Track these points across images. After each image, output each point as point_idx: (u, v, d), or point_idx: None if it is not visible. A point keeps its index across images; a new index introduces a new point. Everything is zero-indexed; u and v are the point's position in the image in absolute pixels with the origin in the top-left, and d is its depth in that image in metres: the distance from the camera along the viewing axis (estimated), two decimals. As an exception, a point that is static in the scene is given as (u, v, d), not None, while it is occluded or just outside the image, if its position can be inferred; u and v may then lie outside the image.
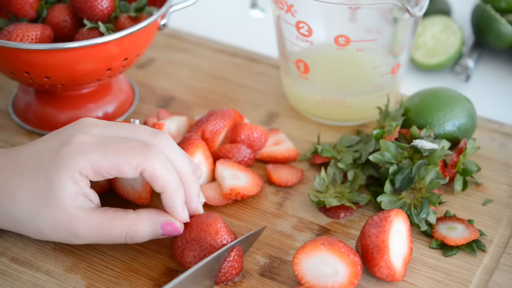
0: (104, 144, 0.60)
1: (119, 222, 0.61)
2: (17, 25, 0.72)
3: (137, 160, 0.60)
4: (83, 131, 0.61)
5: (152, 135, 0.62)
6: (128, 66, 0.76)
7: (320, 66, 0.79)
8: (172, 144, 0.63)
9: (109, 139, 0.61)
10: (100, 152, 0.60)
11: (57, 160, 0.60)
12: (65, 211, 0.60)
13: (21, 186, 0.61)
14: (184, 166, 0.62)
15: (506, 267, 0.65)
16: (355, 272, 0.60)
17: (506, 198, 0.72)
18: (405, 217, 0.64)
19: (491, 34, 0.92)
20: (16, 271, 0.64)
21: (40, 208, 0.60)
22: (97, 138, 0.61)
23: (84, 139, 0.60)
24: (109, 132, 0.62)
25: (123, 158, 0.59)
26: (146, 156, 0.60)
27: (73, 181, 0.60)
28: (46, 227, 0.61)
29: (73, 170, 0.59)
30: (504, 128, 0.81)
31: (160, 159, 0.60)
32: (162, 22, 0.77)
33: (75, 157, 0.59)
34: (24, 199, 0.61)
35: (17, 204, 0.61)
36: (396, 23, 0.76)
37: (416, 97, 0.76)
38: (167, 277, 0.64)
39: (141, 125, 0.63)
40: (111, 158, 0.59)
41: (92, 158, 0.59)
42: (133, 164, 0.60)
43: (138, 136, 0.62)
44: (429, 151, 0.69)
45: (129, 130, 0.62)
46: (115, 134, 0.62)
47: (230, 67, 0.90)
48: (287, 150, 0.76)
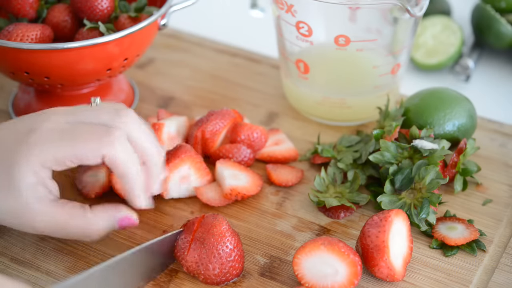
0: (66, 132, 0.59)
1: (76, 219, 0.60)
2: (17, 25, 0.72)
3: (97, 146, 0.59)
4: (48, 119, 0.60)
5: (115, 116, 0.61)
6: (128, 66, 0.76)
7: (320, 66, 0.79)
8: (135, 123, 0.62)
9: (72, 126, 0.60)
10: (62, 142, 0.59)
11: (20, 149, 0.59)
12: (22, 201, 0.59)
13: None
14: (147, 147, 0.62)
15: (506, 267, 0.65)
16: (355, 272, 0.60)
17: (506, 198, 0.72)
18: (405, 217, 0.64)
19: (491, 34, 0.92)
20: (16, 271, 0.64)
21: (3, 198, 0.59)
22: (60, 126, 0.59)
23: (48, 127, 0.59)
24: (73, 117, 0.60)
25: (84, 146, 0.59)
26: (106, 142, 0.59)
27: (34, 172, 0.59)
28: (3, 213, 0.60)
29: (34, 162, 0.58)
30: (504, 128, 0.81)
31: (120, 144, 0.59)
32: (162, 22, 0.77)
33: (37, 148, 0.58)
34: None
35: None
36: (396, 23, 0.76)
37: (416, 97, 0.76)
38: (167, 277, 0.64)
39: (105, 105, 0.62)
40: (72, 147, 0.58)
41: (54, 149, 0.58)
42: (93, 151, 0.59)
43: (101, 119, 0.60)
44: (429, 151, 0.69)
45: (93, 113, 0.61)
46: (80, 119, 0.60)
47: (230, 67, 0.90)
48: (287, 150, 0.76)
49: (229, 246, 0.62)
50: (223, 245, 0.62)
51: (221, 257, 0.62)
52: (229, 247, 0.62)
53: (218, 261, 0.62)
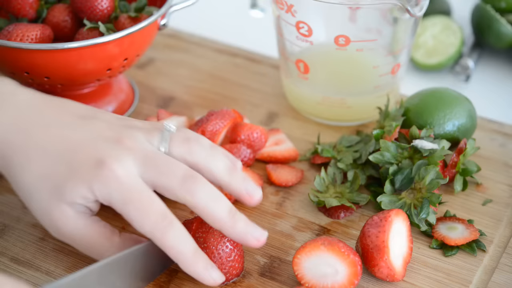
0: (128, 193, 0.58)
1: (102, 240, 0.60)
2: (17, 25, 0.72)
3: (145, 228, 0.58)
4: (123, 162, 0.58)
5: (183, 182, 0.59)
6: (128, 66, 0.76)
7: (320, 66, 0.79)
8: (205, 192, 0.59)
9: (137, 189, 0.58)
10: (122, 197, 0.58)
11: (86, 172, 0.58)
12: (58, 209, 0.59)
13: (41, 160, 0.59)
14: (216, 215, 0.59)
15: (506, 267, 0.65)
16: (355, 272, 0.60)
17: (506, 198, 0.72)
18: (405, 217, 0.64)
19: (491, 34, 0.92)
20: (16, 271, 0.64)
21: (42, 188, 0.59)
22: (128, 180, 0.58)
23: (117, 173, 0.58)
24: (142, 171, 0.59)
25: (136, 216, 0.58)
26: (157, 227, 0.58)
27: (83, 196, 0.58)
28: (36, 208, 0.60)
29: (90, 190, 0.58)
30: (504, 128, 0.81)
31: (173, 231, 0.58)
32: (162, 22, 0.77)
33: (99, 184, 0.57)
34: (33, 173, 0.59)
35: (23, 173, 0.59)
36: (396, 23, 0.76)
37: (416, 97, 0.76)
38: (167, 277, 0.64)
39: (174, 167, 0.59)
40: (126, 208, 0.58)
41: (113, 196, 0.58)
42: (143, 230, 0.58)
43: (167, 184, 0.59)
44: (429, 151, 0.69)
45: (163, 171, 0.59)
46: (147, 176, 0.59)
47: (230, 67, 0.90)
48: (287, 150, 0.76)
49: (229, 246, 0.62)
50: (222, 245, 0.62)
51: (221, 257, 0.62)
52: (229, 247, 0.62)
53: (218, 261, 0.62)
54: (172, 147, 0.61)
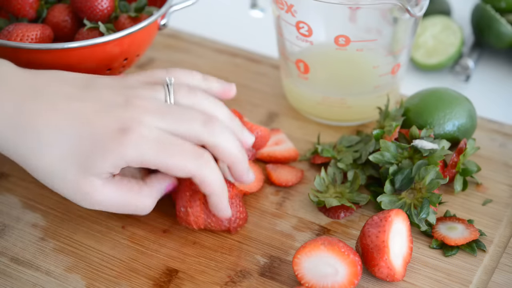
0: (158, 144, 0.60)
1: (132, 195, 0.62)
2: (17, 25, 0.72)
3: (189, 167, 0.61)
4: (141, 122, 0.60)
5: (204, 125, 0.62)
6: (128, 66, 0.76)
7: (320, 66, 0.79)
8: (223, 129, 0.63)
9: (164, 138, 0.60)
10: (154, 152, 0.60)
11: (111, 143, 0.59)
12: (86, 182, 0.60)
13: (57, 139, 0.60)
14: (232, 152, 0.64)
15: (506, 267, 0.65)
16: (355, 272, 0.60)
17: (506, 198, 0.72)
18: (405, 217, 0.64)
19: (491, 34, 0.92)
20: (16, 271, 0.64)
21: (66, 168, 0.60)
22: (153, 134, 0.60)
23: (141, 132, 0.60)
24: (165, 124, 0.61)
25: (175, 163, 0.60)
26: (198, 164, 0.61)
27: (115, 166, 0.60)
28: (61, 187, 0.61)
29: (122, 158, 0.59)
30: (504, 128, 0.81)
31: (210, 167, 0.62)
32: (162, 22, 0.77)
33: (130, 149, 0.59)
34: (52, 155, 0.59)
35: (41, 156, 0.60)
36: (396, 23, 0.76)
37: (416, 97, 0.76)
38: (167, 277, 0.64)
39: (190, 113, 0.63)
40: (163, 159, 0.60)
41: (146, 156, 0.60)
42: (184, 170, 0.61)
43: (193, 130, 0.62)
44: (429, 151, 0.69)
45: (184, 121, 0.62)
46: (172, 128, 0.61)
47: (230, 67, 0.90)
48: (287, 150, 0.76)
49: (230, 190, 0.66)
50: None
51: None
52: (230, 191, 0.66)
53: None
54: (178, 99, 0.64)
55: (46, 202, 0.71)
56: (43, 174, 0.60)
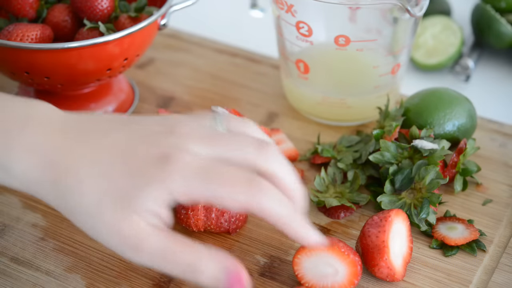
0: (206, 172, 0.53)
1: (185, 253, 0.52)
2: (17, 25, 0.72)
3: (244, 197, 0.53)
4: (185, 149, 0.53)
5: (257, 149, 0.55)
6: (128, 66, 0.76)
7: (320, 66, 0.79)
8: (277, 156, 0.56)
9: (213, 165, 0.53)
10: (202, 181, 0.52)
11: (153, 172, 0.52)
12: (130, 224, 0.52)
13: (94, 174, 0.53)
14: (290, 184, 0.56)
15: (506, 267, 0.65)
16: (355, 272, 0.60)
17: (506, 198, 0.72)
18: (405, 217, 0.64)
19: (491, 34, 0.92)
20: (16, 271, 0.64)
21: (105, 205, 0.52)
22: (199, 161, 0.53)
23: (186, 160, 0.52)
24: (213, 150, 0.54)
25: (228, 192, 0.52)
26: (253, 193, 0.53)
27: (160, 200, 0.52)
28: (99, 231, 0.53)
29: (166, 190, 0.52)
30: (504, 128, 0.81)
31: (267, 195, 0.53)
32: (162, 22, 0.77)
33: (174, 178, 0.52)
34: (90, 192, 0.53)
35: (80, 194, 0.53)
36: (396, 23, 0.76)
37: (416, 97, 0.76)
38: (167, 277, 0.64)
39: (241, 138, 0.56)
40: (213, 190, 0.52)
41: (193, 185, 0.52)
42: (238, 201, 0.52)
43: (246, 156, 0.54)
44: (429, 151, 0.69)
45: (235, 147, 0.55)
46: (221, 154, 0.54)
47: (230, 67, 0.91)
48: (287, 150, 0.76)
49: None
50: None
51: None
52: None
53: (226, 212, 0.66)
54: (229, 126, 0.57)
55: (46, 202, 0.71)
56: (82, 216, 0.53)
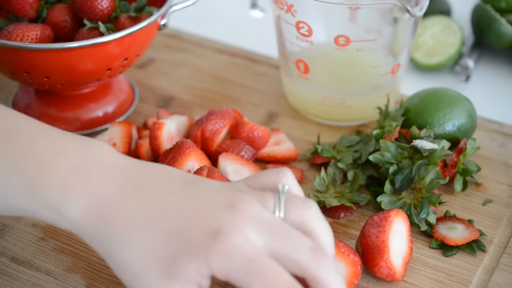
0: (252, 263, 0.50)
1: None
2: (17, 25, 0.72)
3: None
4: (241, 230, 0.51)
5: (311, 255, 0.52)
6: (128, 66, 0.76)
7: (320, 66, 0.79)
8: (330, 269, 0.52)
9: (260, 260, 0.51)
10: (244, 270, 0.50)
11: (201, 246, 0.51)
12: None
13: (143, 235, 0.52)
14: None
15: (506, 267, 0.65)
16: (355, 272, 0.60)
17: (506, 198, 0.72)
18: (405, 217, 0.64)
19: (491, 34, 0.92)
20: (16, 271, 0.64)
21: (151, 268, 0.51)
22: (250, 249, 0.51)
23: (236, 241, 0.50)
24: (266, 242, 0.52)
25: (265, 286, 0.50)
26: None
27: (199, 272, 0.51)
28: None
29: (206, 264, 0.50)
30: (504, 128, 0.81)
31: None
32: (162, 22, 0.77)
33: (218, 258, 0.50)
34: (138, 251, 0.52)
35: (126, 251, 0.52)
36: (396, 23, 0.76)
37: (416, 97, 0.76)
38: (167, 277, 0.64)
39: (299, 237, 0.52)
40: (251, 284, 0.50)
41: (234, 272, 0.50)
42: None
43: (296, 256, 0.51)
44: (429, 151, 0.69)
45: (286, 241, 0.52)
46: (274, 247, 0.52)
47: (230, 67, 0.90)
48: (287, 150, 0.76)
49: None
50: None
51: None
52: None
53: None
54: (288, 211, 0.54)
55: (46, 202, 0.71)
56: (125, 271, 0.53)
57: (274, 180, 0.55)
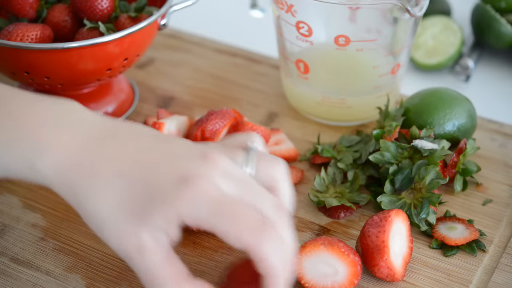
0: (220, 206, 0.52)
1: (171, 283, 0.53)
2: (17, 25, 0.72)
3: (248, 239, 0.52)
4: (209, 177, 0.53)
5: (274, 210, 0.54)
6: (128, 66, 0.76)
7: (320, 66, 0.79)
8: (289, 227, 0.55)
9: (227, 200, 0.52)
10: (213, 212, 0.52)
11: (169, 193, 0.52)
12: (137, 238, 0.52)
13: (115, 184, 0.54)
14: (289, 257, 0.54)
15: (506, 267, 0.65)
16: (355, 272, 0.61)
17: (506, 198, 0.72)
18: (405, 217, 0.64)
19: (491, 34, 0.92)
20: (16, 271, 0.64)
21: (120, 214, 0.53)
22: (216, 194, 0.52)
23: (203, 187, 0.52)
24: (231, 188, 0.54)
25: (234, 230, 0.52)
26: (258, 238, 0.52)
27: (168, 220, 0.52)
28: (110, 237, 0.54)
29: (175, 212, 0.52)
30: (504, 128, 0.81)
31: (272, 245, 0.52)
32: (162, 22, 0.77)
33: (186, 204, 0.52)
34: (107, 199, 0.53)
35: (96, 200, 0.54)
36: (396, 23, 0.76)
37: (416, 97, 0.76)
38: (167, 277, 0.64)
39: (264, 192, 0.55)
40: (221, 223, 0.52)
41: (204, 213, 0.52)
42: (242, 241, 0.52)
43: (258, 205, 0.54)
44: (429, 151, 0.69)
45: (252, 193, 0.54)
46: (236, 194, 0.53)
47: (230, 67, 0.91)
48: (287, 150, 0.76)
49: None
50: None
51: None
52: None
53: None
54: (257, 169, 0.56)
55: (46, 202, 0.71)
56: (95, 219, 0.54)
57: (244, 139, 0.58)
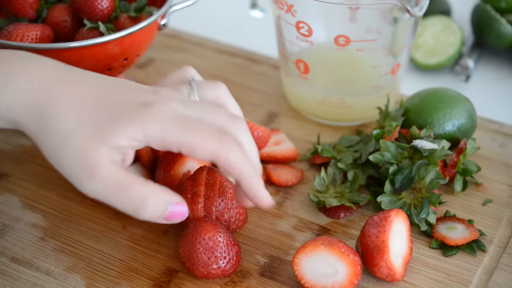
0: (183, 122, 0.57)
1: (138, 187, 0.57)
2: (17, 25, 0.72)
3: (213, 146, 0.57)
4: (163, 101, 0.58)
5: (229, 119, 0.60)
6: (128, 66, 0.76)
7: (320, 66, 0.79)
8: (247, 131, 0.61)
9: (188, 118, 0.58)
10: (178, 128, 0.57)
11: (133, 114, 0.57)
12: (97, 152, 0.56)
13: (77, 105, 0.57)
14: (254, 157, 0.61)
15: (506, 267, 0.65)
16: (355, 272, 0.60)
17: (506, 198, 0.72)
18: (405, 217, 0.64)
19: (491, 34, 0.92)
20: (16, 271, 0.64)
21: (80, 132, 0.56)
22: (176, 114, 0.58)
23: (162, 109, 0.57)
24: (188, 110, 0.59)
25: (200, 140, 0.57)
26: (223, 143, 0.57)
27: (132, 138, 0.57)
28: (66, 154, 0.56)
29: (141, 131, 0.56)
30: (504, 128, 0.81)
31: (235, 148, 0.58)
32: (162, 22, 0.77)
33: (152, 122, 0.56)
34: (70, 119, 0.57)
35: (59, 120, 0.57)
36: (396, 23, 0.76)
37: (416, 97, 0.76)
38: (167, 277, 0.64)
39: (216, 108, 0.61)
40: (187, 137, 0.57)
41: (170, 130, 0.57)
42: (208, 148, 0.57)
43: (215, 119, 0.60)
44: (429, 151, 0.69)
45: (207, 111, 0.60)
46: (193, 114, 0.59)
47: (230, 67, 0.91)
48: (287, 150, 0.76)
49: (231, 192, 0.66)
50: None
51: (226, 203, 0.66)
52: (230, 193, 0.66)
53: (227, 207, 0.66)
54: (202, 95, 0.63)
55: (46, 202, 0.71)
56: (54, 139, 0.57)
57: (181, 75, 0.64)
